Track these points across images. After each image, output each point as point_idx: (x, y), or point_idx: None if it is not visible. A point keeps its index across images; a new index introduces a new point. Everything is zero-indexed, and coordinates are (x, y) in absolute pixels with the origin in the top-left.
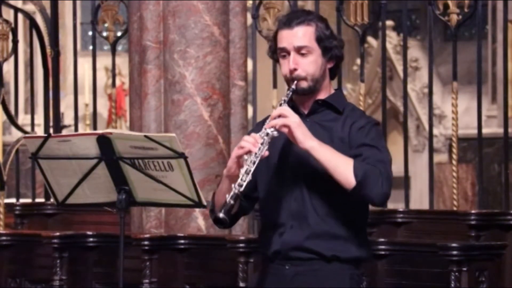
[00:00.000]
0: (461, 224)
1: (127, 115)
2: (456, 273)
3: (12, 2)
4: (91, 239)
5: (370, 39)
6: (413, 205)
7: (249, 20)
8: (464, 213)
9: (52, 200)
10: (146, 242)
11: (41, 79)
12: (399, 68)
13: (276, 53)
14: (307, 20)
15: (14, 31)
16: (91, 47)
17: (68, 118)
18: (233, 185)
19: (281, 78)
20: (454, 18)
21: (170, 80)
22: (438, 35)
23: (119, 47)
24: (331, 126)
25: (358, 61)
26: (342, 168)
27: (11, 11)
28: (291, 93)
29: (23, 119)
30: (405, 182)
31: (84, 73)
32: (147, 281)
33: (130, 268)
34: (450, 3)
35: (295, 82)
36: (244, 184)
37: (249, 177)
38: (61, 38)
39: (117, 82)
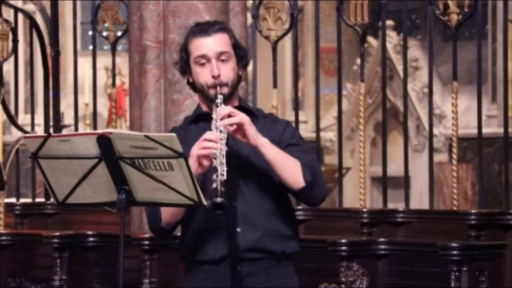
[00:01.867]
0: (461, 224)
1: (127, 115)
2: (456, 273)
3: (12, 2)
4: (91, 239)
5: (370, 39)
6: (413, 205)
7: (249, 20)
8: (464, 213)
9: (52, 200)
10: (146, 242)
11: (41, 79)
12: (399, 68)
13: (189, 64)
14: (222, 28)
15: (14, 31)
16: (91, 47)
17: (68, 117)
18: (215, 176)
19: (281, 78)
20: (454, 18)
21: (170, 80)
22: (438, 35)
23: (119, 47)
24: (257, 129)
25: (358, 61)
26: (291, 168)
27: (11, 11)
28: (222, 96)
29: (23, 118)
30: (405, 182)
31: (84, 73)
32: (147, 281)
33: (130, 268)
34: (450, 3)
35: (218, 88)
36: (225, 173)
37: (225, 167)
38: (61, 37)
39: (117, 82)
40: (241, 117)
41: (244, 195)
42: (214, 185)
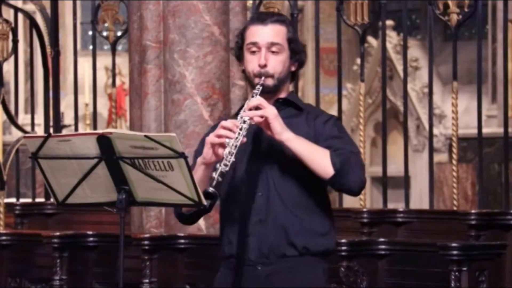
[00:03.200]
0: (461, 224)
1: (127, 114)
2: (456, 273)
3: (12, 2)
4: (91, 239)
5: (370, 38)
6: (413, 205)
7: None
8: (464, 213)
9: (52, 200)
10: (146, 242)
11: (41, 79)
12: (399, 67)
13: (242, 49)
14: (281, 19)
15: (14, 31)
16: (91, 47)
17: (68, 117)
18: (218, 165)
19: None
20: (454, 18)
21: (170, 80)
22: (438, 35)
23: (119, 47)
24: (295, 122)
25: (358, 60)
26: (319, 158)
27: (11, 11)
28: (261, 87)
29: (23, 118)
30: (405, 182)
31: (84, 73)
32: (147, 281)
33: (130, 268)
34: (450, 3)
35: (262, 78)
36: (229, 164)
37: (232, 158)
38: (61, 37)
39: (117, 82)
40: (267, 110)
41: (270, 187)
42: (213, 173)
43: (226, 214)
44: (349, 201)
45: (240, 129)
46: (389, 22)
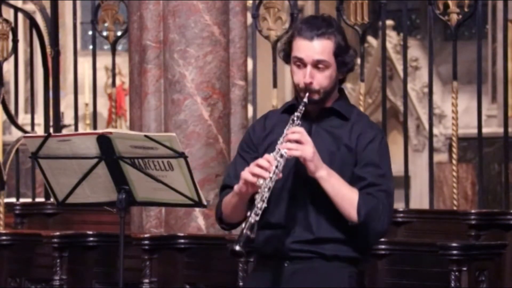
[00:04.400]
0: (461, 223)
1: (127, 114)
2: (456, 273)
3: (12, 2)
4: (91, 239)
5: (370, 38)
6: (413, 205)
7: (249, 19)
8: (464, 212)
9: (52, 199)
10: (146, 242)
11: (41, 79)
12: (399, 67)
13: (290, 57)
14: (328, 33)
15: (14, 31)
16: (91, 47)
17: (68, 117)
18: (248, 213)
19: (281, 78)
20: (454, 17)
21: (170, 80)
22: (438, 35)
23: (119, 47)
24: (338, 133)
25: (358, 60)
26: (346, 203)
27: (11, 11)
28: (303, 108)
29: (23, 118)
30: (405, 181)
31: (84, 73)
32: (147, 280)
33: (130, 268)
34: (450, 2)
35: (307, 94)
36: (260, 212)
37: (264, 204)
38: (61, 37)
39: (117, 82)
40: (305, 150)
41: (307, 198)
42: (243, 225)
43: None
44: None
45: (276, 167)
46: (389, 22)
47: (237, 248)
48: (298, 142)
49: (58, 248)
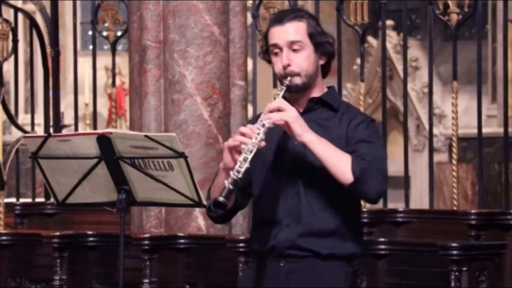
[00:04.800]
0: (461, 223)
1: (127, 114)
2: (456, 273)
3: (12, 2)
4: (91, 239)
5: (370, 38)
6: (413, 205)
7: (249, 19)
8: (464, 212)
9: (52, 199)
10: (146, 242)
11: (41, 79)
12: (399, 67)
13: (268, 52)
14: (298, 16)
15: (14, 31)
16: (91, 47)
17: (68, 117)
18: (231, 172)
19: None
20: (454, 17)
21: (170, 80)
22: (438, 35)
23: (119, 47)
24: (328, 124)
25: (358, 60)
26: (340, 163)
27: (11, 11)
28: (285, 87)
29: (23, 118)
30: (405, 181)
31: (84, 73)
32: (147, 281)
33: (130, 268)
34: (450, 2)
35: (289, 78)
36: (242, 170)
37: (246, 165)
38: (61, 37)
39: (117, 82)
40: (287, 113)
41: (300, 193)
42: (225, 181)
43: (257, 214)
44: None
45: (258, 134)
46: (389, 22)
47: (220, 199)
48: (279, 110)
49: (58, 248)
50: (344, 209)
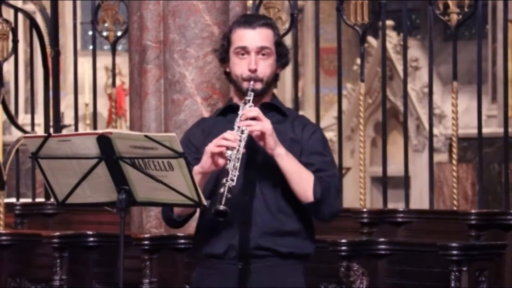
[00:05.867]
0: (461, 223)
1: (127, 114)
2: (456, 273)
3: (12, 2)
4: (91, 239)
5: (370, 38)
6: (413, 205)
7: None
8: (464, 212)
9: (52, 200)
10: (146, 242)
11: (41, 79)
12: (399, 67)
13: (228, 53)
14: (268, 23)
15: (14, 31)
16: (91, 47)
17: (68, 117)
18: (224, 180)
19: (281, 78)
20: (454, 17)
21: (170, 80)
22: (438, 35)
23: (119, 47)
24: (279, 127)
25: (358, 61)
26: (304, 182)
27: (11, 11)
28: (252, 93)
29: (23, 118)
30: (405, 181)
31: (84, 73)
32: (147, 281)
33: (130, 268)
34: (450, 3)
35: (251, 83)
36: (235, 178)
37: (237, 172)
38: (61, 37)
39: (117, 82)
40: (264, 125)
41: (257, 192)
42: (221, 190)
43: (207, 215)
44: (349, 201)
45: (240, 140)
46: (389, 22)
47: (221, 207)
48: (255, 119)
49: (58, 248)
50: (300, 208)
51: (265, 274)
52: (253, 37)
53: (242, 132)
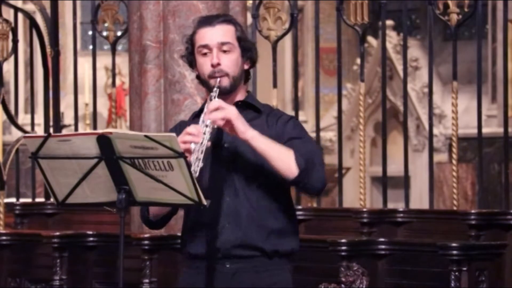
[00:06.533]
0: (461, 223)
1: (127, 114)
2: (456, 273)
3: (12, 2)
4: (91, 239)
5: (370, 38)
6: (413, 205)
7: (249, 20)
8: (464, 212)
9: (52, 199)
10: (146, 242)
11: (41, 79)
12: (399, 67)
13: (193, 54)
14: (227, 19)
15: (14, 31)
16: (91, 47)
17: (68, 117)
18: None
19: (281, 78)
20: (454, 17)
21: (170, 80)
22: (438, 35)
23: (119, 47)
24: (255, 124)
25: (358, 60)
26: (284, 156)
27: (11, 11)
28: (217, 89)
29: (23, 118)
30: (405, 181)
31: (84, 73)
32: (147, 281)
33: (130, 268)
34: (450, 2)
35: (218, 80)
36: (198, 170)
37: (200, 164)
38: (61, 37)
39: (117, 82)
40: (228, 111)
41: (237, 191)
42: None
43: (193, 216)
44: (349, 201)
45: (204, 133)
46: (389, 22)
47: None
48: (219, 109)
49: (58, 248)
50: (283, 206)
51: (250, 273)
52: (213, 34)
53: (207, 125)
